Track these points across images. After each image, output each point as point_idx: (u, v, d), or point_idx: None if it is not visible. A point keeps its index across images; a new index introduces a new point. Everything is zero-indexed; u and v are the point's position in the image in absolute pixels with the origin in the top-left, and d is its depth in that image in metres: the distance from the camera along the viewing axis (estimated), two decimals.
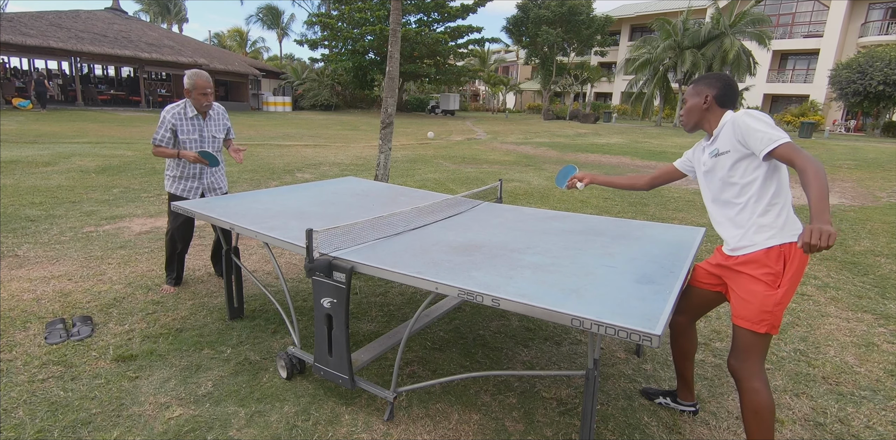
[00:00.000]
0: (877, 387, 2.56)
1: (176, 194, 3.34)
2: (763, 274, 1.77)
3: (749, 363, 1.83)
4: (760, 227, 1.80)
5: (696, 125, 2.03)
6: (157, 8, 41.62)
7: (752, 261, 1.80)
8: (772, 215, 1.79)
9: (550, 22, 29.33)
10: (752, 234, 1.82)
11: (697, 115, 2.01)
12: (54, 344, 2.66)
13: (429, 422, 2.16)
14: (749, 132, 1.76)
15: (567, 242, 2.32)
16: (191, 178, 3.34)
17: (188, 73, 3.17)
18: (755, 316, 1.77)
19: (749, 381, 1.82)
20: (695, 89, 2.01)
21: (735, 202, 1.87)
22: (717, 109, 1.97)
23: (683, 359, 2.23)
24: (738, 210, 1.86)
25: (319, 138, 14.82)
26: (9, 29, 17.77)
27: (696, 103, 1.99)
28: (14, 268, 3.70)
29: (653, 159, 12.55)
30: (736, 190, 1.86)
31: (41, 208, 5.38)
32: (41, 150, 9.36)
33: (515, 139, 17.31)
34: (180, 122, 3.21)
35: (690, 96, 2.02)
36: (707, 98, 1.96)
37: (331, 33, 27.84)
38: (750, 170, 1.81)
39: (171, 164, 3.33)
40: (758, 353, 1.82)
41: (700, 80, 2.03)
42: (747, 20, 23.54)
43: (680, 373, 2.27)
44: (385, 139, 5.26)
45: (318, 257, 2.04)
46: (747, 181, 1.82)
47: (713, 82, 1.98)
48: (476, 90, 49.75)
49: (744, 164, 1.82)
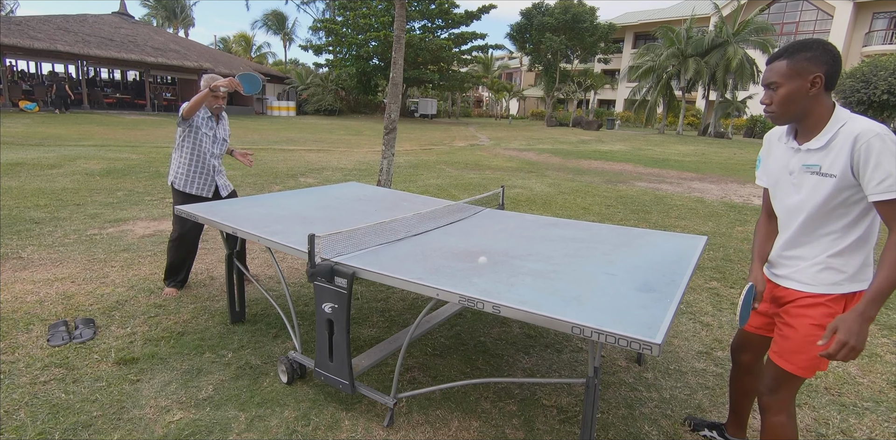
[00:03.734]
0: (880, 398, 2.54)
1: (190, 193, 3.40)
2: (821, 315, 1.54)
3: (780, 396, 1.65)
4: (827, 268, 1.53)
5: (796, 118, 1.53)
6: (164, 12, 41.97)
7: (816, 305, 1.55)
8: (845, 259, 1.51)
9: (554, 29, 29.47)
10: (815, 272, 1.55)
11: (802, 105, 1.48)
12: (57, 346, 2.67)
13: (429, 428, 2.16)
14: (877, 167, 1.36)
15: (569, 249, 2.33)
16: (203, 174, 3.42)
17: (203, 77, 3.32)
18: (804, 362, 1.57)
19: (777, 415, 1.66)
20: (793, 66, 1.46)
21: (811, 227, 1.55)
22: (824, 95, 1.48)
23: (744, 397, 2.02)
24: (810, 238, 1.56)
25: (323, 143, 14.88)
26: (17, 32, 17.93)
27: (798, 88, 1.46)
28: (18, 270, 3.71)
29: (656, 167, 12.55)
30: (819, 217, 1.52)
31: (46, 210, 5.41)
32: (46, 152, 9.41)
33: (518, 145, 17.34)
34: (197, 120, 3.34)
35: (785, 78, 1.47)
36: (817, 79, 1.44)
37: (335, 39, 28.02)
38: (848, 202, 1.47)
39: (183, 161, 3.36)
40: (793, 388, 1.65)
41: (798, 52, 1.46)
42: (751, 28, 23.63)
43: (736, 410, 2.06)
44: (388, 144, 5.29)
45: (320, 262, 2.05)
46: (839, 214, 1.49)
47: (822, 55, 1.44)
48: (479, 96, 49.91)
49: (845, 194, 1.46)
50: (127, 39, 21.82)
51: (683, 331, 3.25)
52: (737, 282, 4.20)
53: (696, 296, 3.87)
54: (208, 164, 3.42)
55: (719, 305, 3.69)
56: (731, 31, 23.98)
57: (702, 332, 3.23)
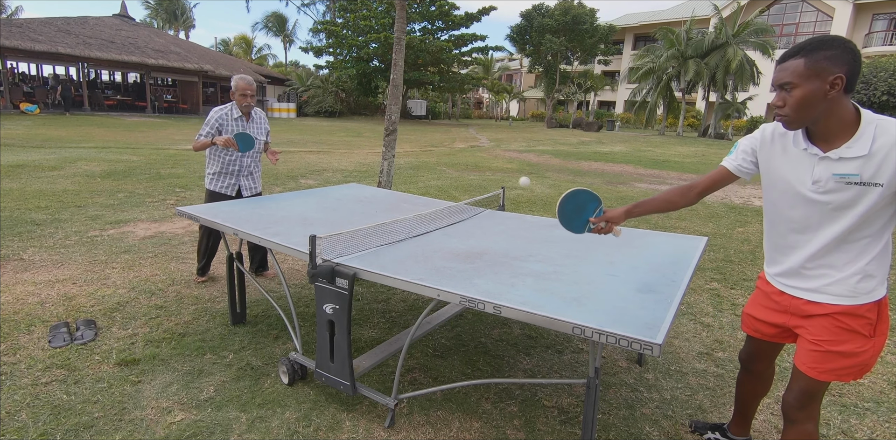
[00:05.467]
0: (881, 398, 2.55)
1: (215, 191, 3.60)
2: (861, 324, 1.50)
3: (811, 407, 1.61)
4: (865, 277, 1.47)
5: (812, 122, 1.42)
6: (165, 14, 42.08)
7: (850, 314, 1.50)
8: (878, 263, 1.47)
9: (554, 31, 29.51)
10: (855, 283, 1.48)
11: (817, 108, 1.37)
12: (58, 347, 2.67)
13: (430, 429, 2.16)
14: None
15: (569, 250, 2.33)
16: (229, 174, 3.59)
17: (234, 78, 3.50)
18: (843, 369, 1.52)
19: (804, 424, 1.63)
20: (811, 66, 1.33)
21: (845, 237, 1.46)
22: (844, 98, 1.37)
23: (753, 400, 2.01)
24: (842, 247, 1.48)
25: (323, 145, 14.89)
26: (18, 34, 17.98)
27: (816, 90, 1.34)
28: (19, 272, 3.72)
29: (656, 168, 12.56)
30: (856, 226, 1.44)
31: (47, 212, 5.42)
32: (47, 154, 9.43)
33: (518, 147, 17.36)
34: (226, 123, 3.49)
35: (802, 78, 1.35)
36: (837, 80, 1.32)
37: (336, 41, 28.07)
38: (884, 206, 1.41)
39: (211, 161, 3.56)
40: (820, 399, 1.62)
41: (817, 51, 1.33)
42: (751, 30, 23.65)
43: (742, 411, 2.05)
44: (388, 146, 5.30)
45: (321, 263, 2.05)
46: (874, 218, 1.42)
47: (843, 54, 1.32)
48: (480, 98, 49.95)
49: (889, 200, 1.39)
50: (128, 41, 21.87)
51: (684, 332, 3.25)
52: (737, 283, 4.20)
53: (697, 297, 3.87)
54: (235, 164, 3.57)
55: (720, 306, 3.69)
56: (730, 33, 24.01)
57: (702, 333, 3.24)
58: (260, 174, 3.81)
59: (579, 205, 1.80)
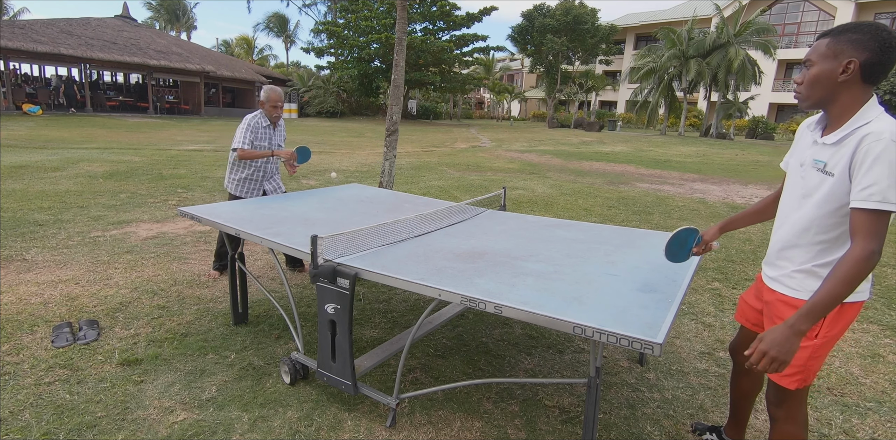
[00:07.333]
0: (882, 398, 2.54)
1: (239, 196, 3.70)
2: None
3: (788, 405, 1.59)
4: (811, 275, 1.47)
5: (820, 104, 1.41)
6: (167, 15, 42.15)
7: (793, 306, 1.49)
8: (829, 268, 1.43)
9: (555, 31, 29.51)
10: (802, 278, 1.49)
11: (826, 90, 1.36)
12: (61, 347, 2.68)
13: (431, 428, 2.16)
14: (868, 171, 1.26)
15: (570, 250, 2.33)
16: (255, 180, 3.71)
17: (264, 88, 3.61)
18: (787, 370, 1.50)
19: (784, 423, 1.61)
20: (832, 46, 1.33)
21: (803, 228, 1.47)
22: (858, 86, 1.33)
23: (744, 399, 1.99)
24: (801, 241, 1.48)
25: (325, 145, 14.91)
26: (20, 36, 18.02)
27: (828, 71, 1.34)
28: (22, 272, 3.73)
29: (657, 168, 12.55)
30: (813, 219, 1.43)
31: (49, 213, 5.44)
32: (50, 155, 9.45)
33: (520, 147, 17.35)
34: (256, 130, 3.59)
35: (821, 57, 1.35)
36: (850, 65, 1.30)
37: (337, 41, 28.10)
38: (843, 212, 1.37)
39: (237, 167, 3.66)
40: (797, 398, 1.58)
41: (845, 33, 1.32)
42: (752, 30, 23.64)
43: (735, 411, 2.05)
44: (390, 146, 5.30)
45: (323, 263, 2.06)
46: (832, 223, 1.40)
47: (868, 41, 1.28)
48: (481, 98, 49.97)
49: (843, 200, 1.36)
50: (130, 42, 21.92)
51: (685, 331, 3.25)
52: (739, 282, 4.20)
53: (698, 296, 3.87)
54: (261, 170, 3.70)
55: (721, 306, 3.69)
56: (732, 33, 23.99)
57: (704, 333, 3.24)
58: (279, 176, 3.92)
59: (681, 240, 1.88)
